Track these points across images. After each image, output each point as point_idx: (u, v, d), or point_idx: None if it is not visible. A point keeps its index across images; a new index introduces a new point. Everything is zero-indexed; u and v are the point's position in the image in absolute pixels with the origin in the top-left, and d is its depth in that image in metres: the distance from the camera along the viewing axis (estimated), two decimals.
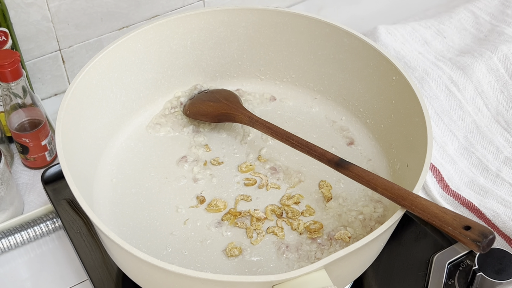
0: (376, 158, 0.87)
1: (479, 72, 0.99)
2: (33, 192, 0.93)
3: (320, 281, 0.62)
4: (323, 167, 0.79)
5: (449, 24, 1.09)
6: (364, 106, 0.89)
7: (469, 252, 0.82)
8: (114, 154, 0.87)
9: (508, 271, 0.77)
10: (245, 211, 0.81)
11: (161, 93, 0.92)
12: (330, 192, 0.83)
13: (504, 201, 0.86)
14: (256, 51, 0.93)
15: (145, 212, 0.81)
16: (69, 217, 0.86)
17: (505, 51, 1.01)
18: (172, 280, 0.65)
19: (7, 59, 0.83)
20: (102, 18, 1.00)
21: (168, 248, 0.78)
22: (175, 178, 0.85)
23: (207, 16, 0.89)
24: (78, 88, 0.79)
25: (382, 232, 0.65)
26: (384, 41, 1.05)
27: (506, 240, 0.83)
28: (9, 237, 0.86)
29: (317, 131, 0.91)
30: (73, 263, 0.86)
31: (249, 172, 0.85)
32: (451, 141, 0.95)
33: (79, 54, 1.02)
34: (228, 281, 0.62)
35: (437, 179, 0.89)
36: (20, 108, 0.88)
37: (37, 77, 1.01)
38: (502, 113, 0.97)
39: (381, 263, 0.80)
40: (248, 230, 0.79)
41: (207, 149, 0.88)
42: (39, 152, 0.93)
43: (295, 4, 1.17)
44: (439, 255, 0.82)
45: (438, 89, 0.98)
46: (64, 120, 0.76)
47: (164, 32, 0.88)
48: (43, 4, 0.93)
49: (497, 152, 0.93)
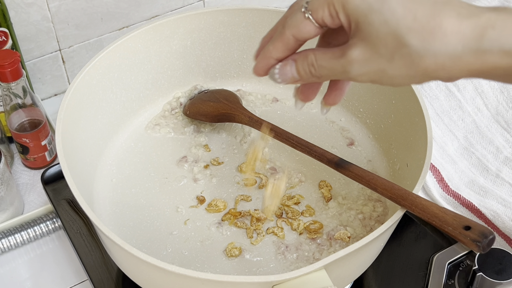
0: (376, 158, 0.87)
1: None
2: (33, 192, 0.93)
3: (320, 281, 0.62)
4: (323, 167, 0.79)
5: None
6: (364, 106, 0.89)
7: (469, 252, 0.82)
8: (114, 154, 0.87)
9: (508, 271, 0.77)
10: (245, 211, 0.81)
11: (161, 93, 0.92)
12: (329, 192, 0.83)
13: (504, 201, 0.86)
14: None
15: (145, 212, 0.81)
16: (69, 217, 0.86)
17: None
18: (172, 280, 0.65)
19: (7, 59, 0.83)
20: (102, 18, 1.00)
21: (168, 248, 0.77)
22: (175, 178, 0.85)
23: (207, 16, 0.89)
24: (78, 88, 0.79)
25: (382, 232, 0.65)
26: None
27: (506, 240, 0.83)
28: (9, 237, 0.86)
29: (317, 131, 0.91)
30: (73, 263, 0.86)
31: (249, 172, 0.85)
32: (451, 141, 0.95)
33: (79, 54, 1.02)
34: (228, 281, 0.62)
35: (437, 179, 0.89)
36: (20, 108, 0.89)
37: (37, 77, 1.01)
38: (502, 113, 0.97)
39: (381, 263, 0.80)
40: (248, 230, 0.79)
41: (207, 149, 0.88)
42: (39, 152, 0.93)
43: None
44: (439, 255, 0.82)
45: (438, 89, 0.98)
46: (64, 120, 0.76)
47: (164, 32, 0.88)
48: (43, 4, 0.93)
49: (497, 152, 0.93)
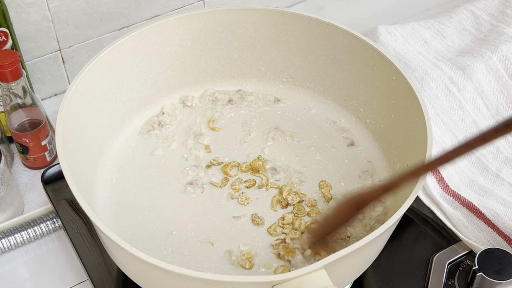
0: (376, 158, 0.87)
1: (479, 72, 0.99)
2: (33, 192, 0.93)
3: (320, 281, 0.62)
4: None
5: (449, 24, 1.09)
6: (364, 106, 0.89)
7: (469, 252, 0.82)
8: (114, 154, 0.87)
9: (508, 271, 0.77)
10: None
11: (161, 93, 0.92)
12: (330, 192, 0.83)
13: (504, 201, 0.86)
14: (256, 51, 0.93)
15: (145, 212, 0.81)
16: (69, 217, 0.86)
17: (505, 51, 1.01)
18: (172, 280, 0.65)
19: (7, 59, 0.83)
20: (102, 18, 1.00)
21: (168, 248, 0.78)
22: (175, 178, 0.85)
23: (207, 16, 0.89)
24: (78, 88, 0.79)
25: (382, 232, 0.66)
26: (384, 41, 1.05)
27: (506, 240, 0.83)
28: (9, 237, 0.86)
29: (317, 131, 0.91)
30: (73, 263, 0.86)
31: (249, 172, 0.85)
32: (451, 141, 0.95)
33: (79, 54, 1.02)
34: (228, 281, 0.62)
35: (437, 179, 0.89)
36: (20, 108, 0.88)
37: (37, 77, 1.01)
38: (502, 113, 0.97)
39: (381, 263, 0.80)
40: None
41: (208, 150, 0.88)
42: (39, 152, 0.93)
43: (295, 4, 1.17)
44: (439, 255, 0.82)
45: (438, 89, 0.98)
46: (64, 120, 0.76)
47: (164, 32, 0.88)
48: (43, 4, 0.93)
49: (497, 152, 0.93)
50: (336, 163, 0.87)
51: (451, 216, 0.85)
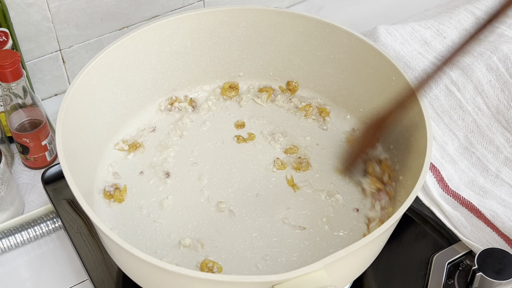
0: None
1: (479, 72, 0.99)
2: (33, 192, 0.93)
3: (320, 281, 0.62)
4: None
5: (449, 25, 1.09)
6: (364, 106, 0.89)
7: (469, 252, 0.82)
8: (114, 154, 0.87)
9: (507, 271, 0.77)
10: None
11: (161, 93, 0.92)
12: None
13: (503, 202, 0.87)
14: (256, 51, 0.93)
15: (145, 212, 0.81)
16: (69, 217, 0.86)
17: (505, 51, 1.01)
18: (172, 280, 0.65)
19: (8, 59, 0.83)
20: (102, 18, 1.00)
21: (168, 248, 0.77)
22: (175, 178, 0.85)
23: (207, 16, 0.89)
24: (78, 88, 0.79)
25: (382, 232, 0.66)
26: (384, 41, 1.05)
27: (505, 240, 0.83)
28: (9, 237, 0.86)
29: (317, 131, 0.91)
30: (73, 263, 0.86)
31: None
32: (451, 140, 0.95)
33: (79, 54, 1.02)
34: (228, 281, 0.62)
35: (437, 179, 0.89)
36: (21, 108, 0.89)
37: (37, 77, 1.01)
38: (502, 112, 0.97)
39: (381, 263, 0.80)
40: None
41: (208, 150, 0.88)
42: (39, 152, 0.93)
43: (295, 4, 1.17)
44: (439, 255, 0.82)
45: (438, 89, 0.98)
46: (64, 120, 0.76)
47: (164, 32, 0.88)
48: (43, 5, 0.94)
49: (497, 152, 0.93)
50: (336, 163, 0.87)
51: (450, 216, 0.85)
